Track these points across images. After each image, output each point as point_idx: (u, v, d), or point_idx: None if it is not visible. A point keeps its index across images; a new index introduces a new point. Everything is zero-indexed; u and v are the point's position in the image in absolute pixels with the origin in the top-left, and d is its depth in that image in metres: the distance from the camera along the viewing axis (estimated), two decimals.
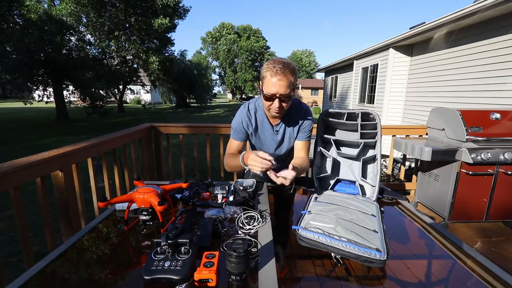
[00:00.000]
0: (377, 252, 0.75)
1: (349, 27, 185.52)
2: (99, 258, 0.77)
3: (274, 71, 1.07)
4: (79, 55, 13.26)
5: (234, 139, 1.34)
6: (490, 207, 2.21)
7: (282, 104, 1.13)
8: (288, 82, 1.08)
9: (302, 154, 1.35)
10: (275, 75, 1.07)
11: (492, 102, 4.00)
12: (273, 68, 1.08)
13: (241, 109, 1.33)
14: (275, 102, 1.12)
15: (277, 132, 1.33)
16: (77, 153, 1.50)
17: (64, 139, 8.78)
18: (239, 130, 1.31)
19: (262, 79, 1.14)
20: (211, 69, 45.41)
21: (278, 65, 1.08)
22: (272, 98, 1.12)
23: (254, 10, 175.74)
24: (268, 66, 1.11)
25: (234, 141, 1.34)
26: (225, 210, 1.00)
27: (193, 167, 2.61)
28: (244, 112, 1.31)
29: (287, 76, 1.07)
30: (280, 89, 1.08)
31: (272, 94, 1.10)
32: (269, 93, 1.11)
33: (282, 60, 1.11)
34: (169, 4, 15.89)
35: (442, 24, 4.60)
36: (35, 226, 1.85)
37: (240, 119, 1.30)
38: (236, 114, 1.34)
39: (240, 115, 1.31)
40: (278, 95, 1.10)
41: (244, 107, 1.32)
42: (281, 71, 1.07)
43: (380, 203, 1.23)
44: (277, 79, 1.07)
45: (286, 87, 1.08)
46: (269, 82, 1.10)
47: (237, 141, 1.33)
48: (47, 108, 18.92)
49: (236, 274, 0.63)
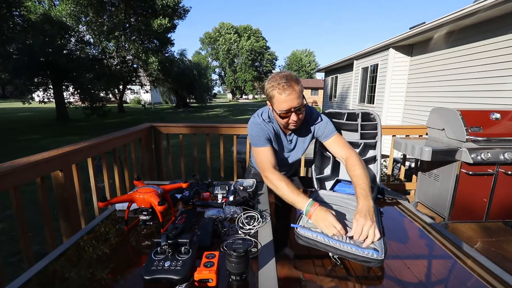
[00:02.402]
0: (374, 252, 0.75)
1: (350, 27, 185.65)
2: (99, 258, 0.77)
3: (281, 87, 1.06)
4: (79, 56, 13.28)
5: (264, 146, 1.20)
6: (490, 207, 2.21)
7: (299, 116, 1.12)
8: (298, 94, 1.07)
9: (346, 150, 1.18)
10: (284, 91, 1.06)
11: (492, 102, 4.00)
12: (278, 85, 1.06)
13: (256, 120, 1.25)
14: (292, 116, 1.11)
15: (290, 141, 1.32)
16: (77, 153, 1.50)
17: (64, 139, 8.78)
18: (263, 136, 1.21)
19: (271, 99, 1.12)
20: (211, 69, 45.40)
21: (281, 80, 1.07)
22: (287, 114, 1.11)
23: (254, 10, 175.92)
24: (272, 85, 1.09)
25: (264, 148, 1.19)
26: (225, 210, 1.01)
27: (193, 167, 2.61)
28: (260, 121, 1.24)
29: (294, 88, 1.06)
30: (292, 103, 1.07)
31: (286, 110, 1.09)
32: (283, 110, 1.09)
33: (283, 74, 1.10)
34: (169, 4, 15.91)
35: (442, 24, 4.60)
36: (35, 226, 1.85)
37: (261, 129, 1.22)
38: (251, 126, 1.25)
39: (257, 125, 1.23)
40: (293, 109, 1.09)
41: (258, 117, 1.25)
42: (287, 85, 1.06)
43: (380, 203, 1.23)
44: (287, 95, 1.06)
45: (297, 99, 1.07)
46: (279, 100, 1.08)
47: (267, 146, 1.20)
48: (47, 108, 18.93)
49: (236, 274, 0.63)
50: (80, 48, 13.83)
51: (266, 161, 1.15)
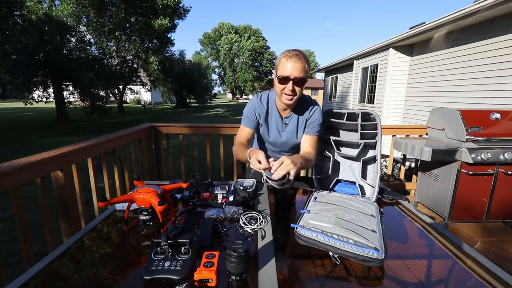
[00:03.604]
0: (375, 251, 0.75)
1: (351, 27, 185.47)
2: (99, 258, 0.77)
3: (289, 55, 1.13)
4: (79, 56, 13.27)
5: (245, 126, 1.35)
6: (490, 207, 2.21)
7: (295, 87, 1.15)
8: (302, 66, 1.12)
9: (309, 149, 1.31)
10: (290, 58, 1.12)
11: (492, 102, 4.00)
12: (288, 53, 1.14)
13: (254, 98, 1.36)
14: (289, 85, 1.14)
15: (286, 125, 1.34)
16: (77, 153, 1.50)
17: (64, 139, 8.78)
18: (250, 117, 1.33)
19: (277, 67, 1.18)
20: (211, 69, 45.37)
21: (292, 51, 1.14)
22: (287, 80, 1.13)
23: (253, 10, 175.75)
24: (283, 53, 1.17)
25: (244, 128, 1.35)
26: (225, 210, 1.00)
27: (193, 167, 2.61)
28: (256, 101, 1.34)
29: (302, 61, 1.12)
30: (294, 71, 1.11)
31: (286, 75, 1.12)
32: (283, 74, 1.13)
33: (296, 49, 1.17)
34: (169, 4, 15.90)
35: (442, 24, 4.60)
36: (35, 226, 1.85)
37: (253, 106, 1.33)
38: (248, 102, 1.37)
39: (253, 102, 1.34)
40: (293, 77, 1.12)
41: (257, 96, 1.36)
42: (295, 55, 1.12)
43: (380, 203, 1.23)
44: (292, 61, 1.12)
45: (300, 71, 1.12)
46: (283, 64, 1.14)
47: (247, 128, 1.34)
48: (47, 108, 18.92)
49: (236, 274, 0.63)
50: (80, 48, 13.81)
51: (239, 137, 1.35)
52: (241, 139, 1.34)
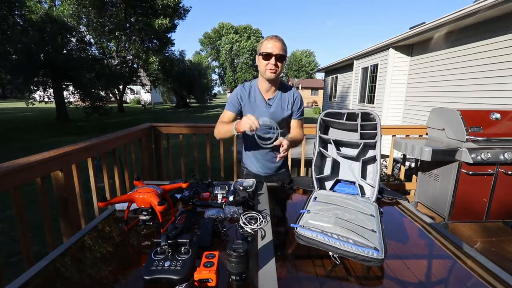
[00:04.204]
0: (374, 251, 0.75)
1: (351, 27, 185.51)
2: (99, 258, 0.77)
3: (270, 37, 1.35)
4: (79, 56, 13.27)
5: (227, 110, 1.48)
6: (490, 207, 2.21)
7: (277, 62, 1.33)
8: (282, 45, 1.33)
9: (298, 130, 1.54)
10: (271, 39, 1.34)
11: (492, 102, 4.00)
12: (269, 36, 1.36)
13: (238, 86, 1.53)
14: (272, 60, 1.32)
15: (269, 105, 1.47)
16: (77, 153, 1.50)
17: (64, 139, 8.78)
18: (233, 102, 1.47)
19: (260, 47, 1.37)
20: (211, 69, 45.33)
21: (273, 35, 1.37)
22: (269, 56, 1.31)
23: (254, 10, 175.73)
24: (264, 38, 1.39)
25: (227, 112, 1.48)
26: (225, 210, 1.00)
27: (193, 167, 2.61)
28: (240, 87, 1.51)
29: (281, 42, 1.33)
30: (276, 49, 1.31)
31: (269, 52, 1.31)
32: (266, 51, 1.31)
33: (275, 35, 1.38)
34: (169, 4, 15.89)
35: (442, 24, 4.60)
36: (35, 226, 1.85)
37: (236, 92, 1.49)
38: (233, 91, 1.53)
39: (236, 89, 1.51)
40: (275, 53, 1.31)
41: (241, 84, 1.54)
42: (276, 37, 1.35)
43: (380, 203, 1.23)
44: (273, 41, 1.32)
45: (280, 49, 1.32)
46: (265, 44, 1.34)
47: (230, 112, 1.47)
48: (47, 108, 18.92)
49: (236, 274, 0.63)
50: (81, 48, 13.81)
51: (221, 119, 1.48)
52: (223, 119, 1.48)
